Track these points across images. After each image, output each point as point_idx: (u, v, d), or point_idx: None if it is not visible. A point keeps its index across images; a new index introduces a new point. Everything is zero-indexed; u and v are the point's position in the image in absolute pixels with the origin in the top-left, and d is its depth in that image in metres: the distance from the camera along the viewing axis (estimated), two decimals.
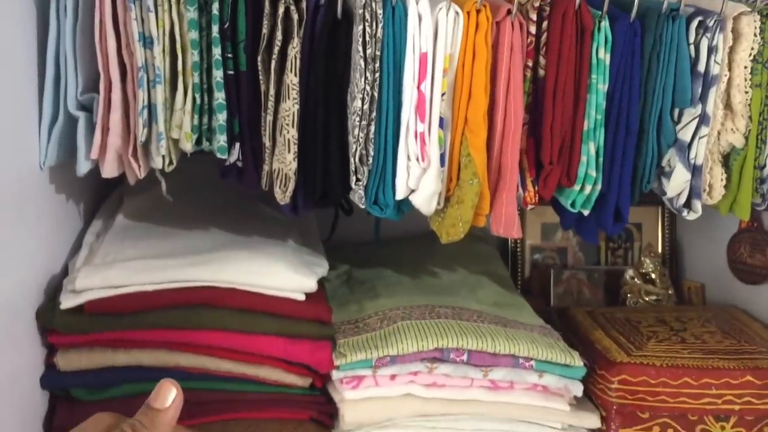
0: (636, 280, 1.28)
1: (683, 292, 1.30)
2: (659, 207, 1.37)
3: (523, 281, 1.36)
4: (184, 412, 0.87)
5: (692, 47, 0.88)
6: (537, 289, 1.35)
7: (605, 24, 0.86)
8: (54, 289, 0.91)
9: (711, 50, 0.87)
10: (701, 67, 0.88)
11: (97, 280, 0.86)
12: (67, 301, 0.85)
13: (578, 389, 0.94)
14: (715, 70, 0.88)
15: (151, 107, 0.85)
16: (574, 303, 1.29)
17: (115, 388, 0.89)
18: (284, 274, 0.90)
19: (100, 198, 1.09)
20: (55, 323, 0.85)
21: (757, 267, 1.11)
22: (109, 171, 0.87)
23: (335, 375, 0.91)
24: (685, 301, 1.29)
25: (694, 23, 0.87)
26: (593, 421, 0.94)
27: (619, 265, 1.37)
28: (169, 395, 0.53)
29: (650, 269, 1.27)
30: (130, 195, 1.08)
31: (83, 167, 0.87)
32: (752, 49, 0.89)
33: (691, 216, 0.94)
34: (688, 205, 0.93)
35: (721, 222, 1.18)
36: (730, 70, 0.89)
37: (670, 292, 1.27)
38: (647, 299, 1.26)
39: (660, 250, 1.35)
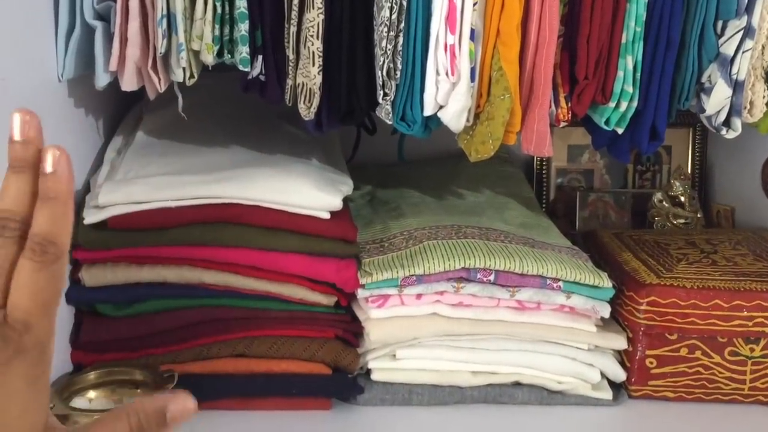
0: (664, 203, 1.25)
1: (712, 216, 1.28)
2: (690, 129, 1.33)
3: (548, 204, 1.34)
4: (208, 330, 0.88)
5: None
6: (562, 212, 1.32)
7: None
8: (76, 205, 0.89)
9: None
10: None
11: (119, 196, 0.84)
12: (90, 217, 0.84)
13: (606, 310, 0.93)
14: None
15: (170, 16, 0.82)
16: (600, 226, 1.26)
17: (140, 304, 0.89)
18: (308, 192, 0.88)
19: (120, 113, 1.07)
20: (79, 238, 0.84)
21: None
22: (128, 84, 0.85)
23: (360, 294, 0.90)
24: (714, 225, 1.27)
25: None
26: (620, 342, 0.93)
27: (646, 188, 1.34)
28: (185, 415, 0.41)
29: (679, 192, 1.24)
30: (151, 110, 1.05)
31: (102, 80, 0.85)
32: None
33: (730, 135, 0.90)
34: (727, 123, 0.90)
35: (755, 143, 1.15)
36: None
37: (698, 215, 1.25)
38: (675, 222, 1.24)
39: (689, 172, 1.32)
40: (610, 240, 1.08)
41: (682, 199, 1.24)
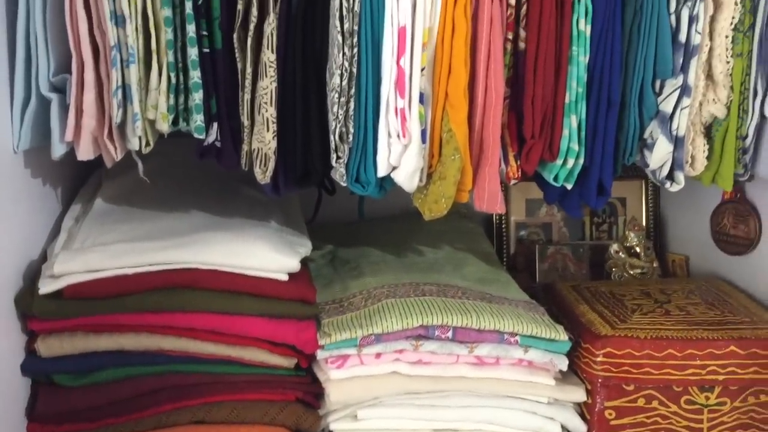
0: (621, 254, 1.28)
1: (668, 265, 1.31)
2: (642, 181, 1.37)
3: (509, 257, 1.36)
4: (167, 397, 0.88)
5: (673, 17, 0.88)
6: (522, 265, 1.35)
7: None
8: (33, 275, 0.90)
9: (692, 19, 0.87)
10: (682, 37, 0.88)
11: (76, 265, 0.85)
12: (45, 287, 0.84)
13: (563, 363, 0.94)
14: (696, 39, 0.87)
15: (125, 87, 0.84)
16: (560, 278, 1.29)
17: (98, 373, 0.88)
18: (266, 255, 0.90)
19: (78, 182, 1.08)
20: (35, 309, 0.84)
21: (741, 238, 1.11)
22: (84, 153, 0.86)
23: (320, 355, 0.90)
24: (670, 274, 1.30)
25: None
26: (579, 394, 0.95)
27: (603, 239, 1.37)
28: None
29: (634, 243, 1.27)
30: (109, 178, 1.06)
31: (58, 150, 0.86)
32: (733, 17, 0.89)
33: (674, 188, 0.94)
34: (671, 176, 0.93)
35: (704, 194, 1.18)
36: (711, 39, 0.89)
37: (654, 265, 1.28)
38: (632, 273, 1.26)
39: (644, 223, 1.35)
40: (567, 292, 1.10)
41: (638, 249, 1.27)
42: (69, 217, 0.98)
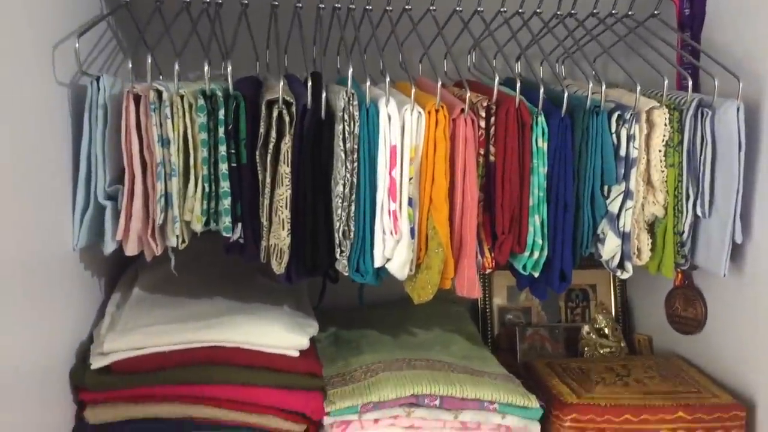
0: (591, 335, 1.44)
1: (634, 344, 1.46)
2: None
3: (493, 338, 1.51)
4: None
5: (614, 135, 1.07)
6: (506, 345, 1.49)
7: (541, 119, 1.04)
8: (82, 353, 1.05)
9: (630, 138, 1.06)
10: (623, 152, 1.06)
11: (122, 343, 1.01)
12: (96, 362, 1.00)
13: (536, 428, 1.09)
14: (634, 153, 1.06)
15: (167, 195, 1.01)
16: (538, 356, 1.43)
17: None
18: (280, 334, 1.06)
19: (116, 273, 1.25)
20: (87, 381, 1.00)
21: (690, 319, 1.27)
22: (131, 250, 1.03)
23: (326, 420, 1.05)
24: (637, 352, 1.44)
25: (615, 116, 1.06)
26: None
27: (577, 322, 1.52)
28: None
29: (603, 325, 1.43)
30: (144, 270, 1.23)
31: (110, 247, 1.03)
32: (664, 136, 1.07)
33: (624, 275, 1.10)
34: (621, 266, 1.10)
35: (662, 281, 1.35)
36: (647, 153, 1.08)
37: (622, 344, 1.43)
38: (602, 351, 1.42)
39: (613, 307, 1.51)
40: (542, 368, 1.25)
41: (606, 331, 1.43)
42: (111, 303, 1.14)
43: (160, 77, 1.17)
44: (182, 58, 1.04)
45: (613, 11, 1.29)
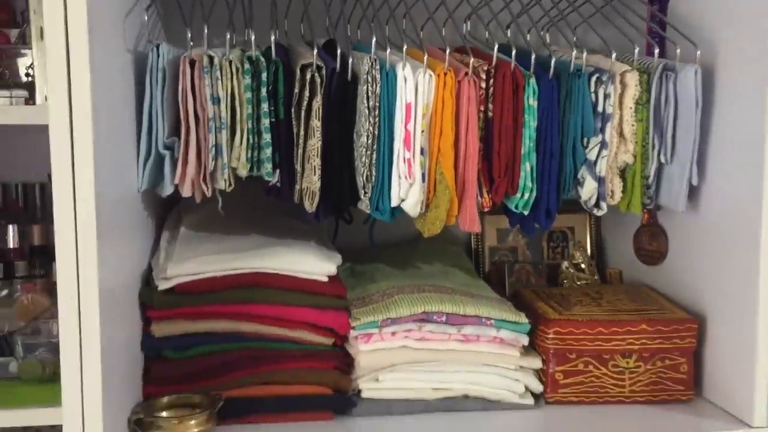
0: (570, 269, 1.65)
1: (607, 277, 1.68)
2: (587, 214, 1.74)
3: (485, 274, 1.72)
4: (243, 366, 1.22)
5: (593, 94, 1.26)
6: (495, 280, 1.70)
7: (533, 81, 1.23)
8: (144, 278, 1.25)
9: (606, 96, 1.26)
10: (600, 109, 1.26)
11: (182, 269, 1.20)
12: (162, 285, 1.19)
13: (525, 340, 1.30)
14: (609, 110, 1.26)
15: (217, 146, 1.20)
16: (524, 288, 1.64)
17: (194, 348, 1.23)
18: (312, 262, 1.26)
19: (163, 214, 1.43)
20: (155, 301, 1.19)
21: (655, 251, 1.48)
22: (186, 192, 1.21)
23: (352, 334, 1.26)
24: (608, 284, 1.67)
25: (594, 78, 1.26)
26: (537, 362, 1.31)
27: (557, 259, 1.73)
28: None
29: (580, 260, 1.65)
30: (187, 213, 1.42)
31: (167, 190, 1.22)
32: (635, 95, 1.27)
33: (599, 213, 1.31)
34: (597, 205, 1.31)
35: (632, 222, 1.56)
36: (620, 110, 1.28)
37: (596, 277, 1.65)
38: (579, 284, 1.63)
39: (588, 245, 1.73)
40: (529, 294, 1.47)
41: (583, 265, 1.65)
42: (163, 239, 1.33)
43: (191, 43, 1.30)
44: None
45: None
